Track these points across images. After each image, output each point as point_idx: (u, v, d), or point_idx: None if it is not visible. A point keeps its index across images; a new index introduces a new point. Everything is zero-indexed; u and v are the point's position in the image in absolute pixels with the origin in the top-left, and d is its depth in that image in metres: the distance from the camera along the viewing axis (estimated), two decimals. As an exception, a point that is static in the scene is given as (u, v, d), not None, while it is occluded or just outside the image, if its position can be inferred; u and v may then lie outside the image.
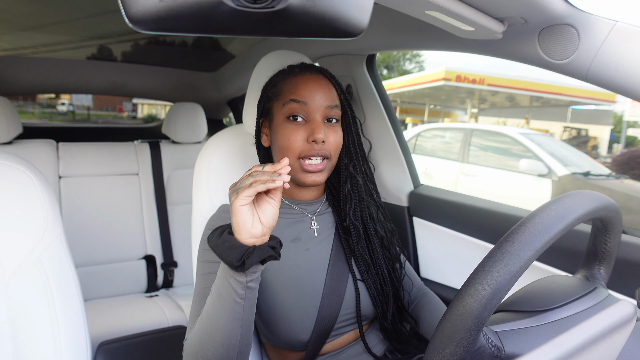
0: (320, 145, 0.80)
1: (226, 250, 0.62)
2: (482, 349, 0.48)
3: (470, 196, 1.32)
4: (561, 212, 0.49)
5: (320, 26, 0.37)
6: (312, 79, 0.82)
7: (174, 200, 2.03)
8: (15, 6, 1.43)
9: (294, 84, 0.82)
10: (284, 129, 0.81)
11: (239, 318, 0.65)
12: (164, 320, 1.61)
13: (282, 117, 0.82)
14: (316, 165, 0.80)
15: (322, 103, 0.81)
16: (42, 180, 0.74)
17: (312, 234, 0.88)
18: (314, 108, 0.81)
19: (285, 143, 0.80)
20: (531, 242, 0.46)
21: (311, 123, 0.80)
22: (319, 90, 0.82)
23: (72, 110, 22.96)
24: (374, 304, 0.87)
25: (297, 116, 0.80)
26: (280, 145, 0.82)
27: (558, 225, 0.48)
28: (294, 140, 0.80)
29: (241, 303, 0.65)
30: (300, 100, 0.80)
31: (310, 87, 0.81)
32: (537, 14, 0.77)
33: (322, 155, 0.80)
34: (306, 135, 0.80)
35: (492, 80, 10.48)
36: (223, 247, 0.62)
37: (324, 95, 0.82)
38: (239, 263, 0.61)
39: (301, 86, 0.81)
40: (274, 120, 0.84)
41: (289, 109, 0.81)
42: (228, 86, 2.23)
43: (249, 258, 0.61)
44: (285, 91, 0.82)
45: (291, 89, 0.82)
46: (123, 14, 0.32)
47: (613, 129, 19.89)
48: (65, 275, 0.72)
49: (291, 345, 0.83)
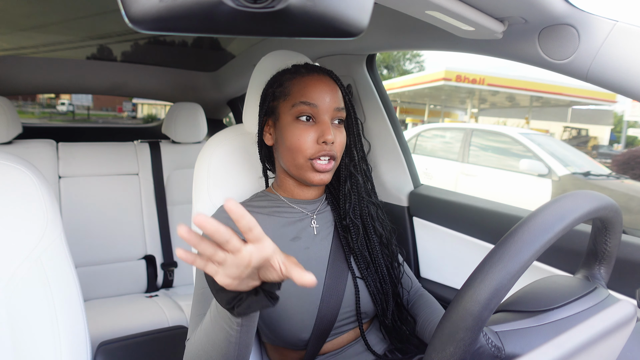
0: (330, 146, 0.81)
1: (217, 292, 0.54)
2: (482, 349, 0.48)
3: (470, 196, 1.32)
4: (561, 212, 0.49)
5: (320, 26, 0.37)
6: (321, 81, 0.83)
7: (174, 200, 2.03)
8: (15, 6, 1.43)
9: (302, 85, 0.83)
10: (294, 129, 0.82)
11: (234, 342, 0.63)
12: (164, 320, 1.61)
13: (291, 117, 0.82)
14: (325, 165, 0.81)
15: (331, 105, 0.82)
16: (42, 180, 0.74)
17: (312, 233, 0.88)
18: (323, 110, 0.82)
19: (296, 143, 0.81)
20: (531, 242, 0.46)
21: (321, 124, 0.81)
22: (328, 93, 0.83)
23: (72, 110, 22.97)
24: (373, 301, 0.88)
25: (308, 117, 0.82)
26: (289, 146, 0.82)
27: (558, 225, 0.48)
28: (304, 141, 0.81)
29: (237, 329, 0.61)
30: (311, 102, 0.81)
31: (320, 89, 0.82)
32: (537, 13, 0.77)
33: (330, 155, 0.82)
34: (316, 136, 0.81)
35: (492, 80, 10.48)
36: (215, 287, 0.54)
37: (333, 97, 0.83)
38: (228, 307, 0.55)
39: (311, 88, 0.82)
40: (281, 119, 0.85)
41: (299, 110, 0.81)
42: (228, 86, 2.23)
43: (238, 307, 0.54)
44: (295, 92, 0.83)
45: (301, 90, 0.82)
46: (123, 14, 0.32)
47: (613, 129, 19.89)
48: (65, 275, 0.72)
49: (291, 344, 0.83)
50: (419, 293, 0.99)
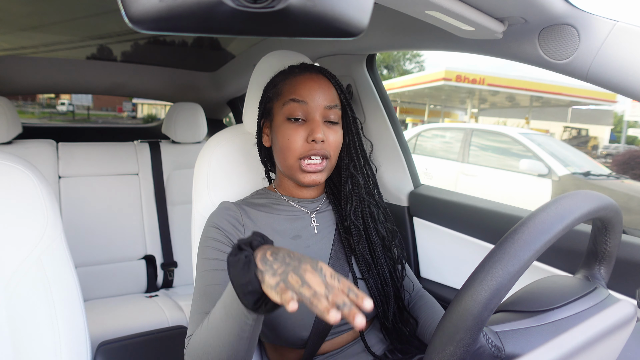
0: (320, 144, 0.80)
1: (247, 294, 0.56)
2: (482, 349, 0.48)
3: (470, 196, 1.32)
4: (561, 212, 0.49)
5: (320, 26, 0.37)
6: (311, 79, 0.83)
7: (174, 200, 2.03)
8: (16, 6, 1.44)
9: (293, 84, 0.82)
10: (284, 129, 0.82)
11: (247, 337, 0.64)
12: (164, 320, 1.61)
13: (283, 117, 0.82)
14: (316, 165, 0.81)
15: (321, 103, 0.82)
16: (42, 180, 0.74)
17: (312, 232, 0.88)
18: (313, 107, 0.81)
19: (286, 143, 0.81)
20: (531, 242, 0.46)
21: (311, 123, 0.81)
22: (318, 90, 0.82)
23: (72, 110, 22.96)
24: (375, 303, 0.87)
25: (297, 117, 0.81)
26: (280, 146, 0.82)
27: (558, 225, 0.48)
28: (293, 141, 0.80)
29: (251, 325, 0.62)
30: (300, 99, 0.81)
31: (310, 86, 0.82)
32: (537, 13, 0.77)
33: (321, 154, 0.81)
34: (306, 135, 0.80)
35: (492, 80, 10.48)
36: (245, 290, 0.56)
37: (324, 94, 0.82)
38: (255, 307, 0.57)
39: (300, 86, 0.82)
40: (275, 120, 0.85)
41: (289, 108, 0.81)
42: (228, 86, 2.23)
43: (266, 305, 0.57)
44: (285, 91, 0.83)
45: (291, 88, 0.82)
46: (123, 14, 0.32)
47: (613, 129, 19.89)
48: (65, 275, 0.72)
49: (291, 343, 0.83)
50: (420, 294, 0.99)
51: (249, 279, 0.56)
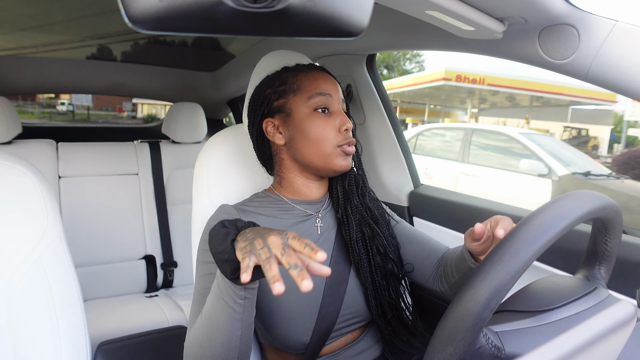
0: (350, 133, 0.85)
1: (223, 262, 0.59)
2: (482, 349, 0.48)
3: (470, 196, 1.32)
4: (561, 212, 0.49)
5: (320, 26, 0.37)
6: (325, 75, 0.88)
7: (174, 200, 2.03)
8: (16, 6, 1.44)
9: (313, 79, 0.85)
10: (315, 120, 0.83)
11: (239, 318, 0.65)
12: (164, 320, 1.61)
13: (308, 109, 0.83)
14: (352, 150, 0.85)
15: (340, 96, 0.87)
16: (42, 180, 0.73)
17: (315, 233, 0.88)
18: (337, 100, 0.86)
19: (321, 133, 0.83)
20: (531, 242, 0.46)
21: (337, 114, 0.85)
22: (334, 85, 0.87)
23: (72, 110, 22.97)
24: (375, 305, 0.87)
25: (326, 107, 0.84)
26: (314, 137, 0.83)
27: (558, 225, 0.48)
28: (329, 129, 0.83)
29: (241, 304, 0.64)
30: (327, 92, 0.84)
31: (329, 80, 0.87)
32: (537, 13, 0.77)
33: (353, 143, 0.86)
34: (336, 125, 0.84)
35: (492, 80, 10.47)
36: (221, 257, 0.59)
37: (338, 90, 0.88)
38: (232, 277, 0.59)
39: (321, 80, 0.85)
40: (295, 114, 0.84)
41: (317, 101, 0.83)
42: (228, 86, 2.23)
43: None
44: (307, 85, 0.84)
45: (312, 83, 0.84)
46: (123, 13, 0.32)
47: (613, 129, 19.89)
48: (65, 275, 0.72)
49: (292, 347, 0.82)
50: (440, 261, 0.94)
51: (225, 247, 0.59)
